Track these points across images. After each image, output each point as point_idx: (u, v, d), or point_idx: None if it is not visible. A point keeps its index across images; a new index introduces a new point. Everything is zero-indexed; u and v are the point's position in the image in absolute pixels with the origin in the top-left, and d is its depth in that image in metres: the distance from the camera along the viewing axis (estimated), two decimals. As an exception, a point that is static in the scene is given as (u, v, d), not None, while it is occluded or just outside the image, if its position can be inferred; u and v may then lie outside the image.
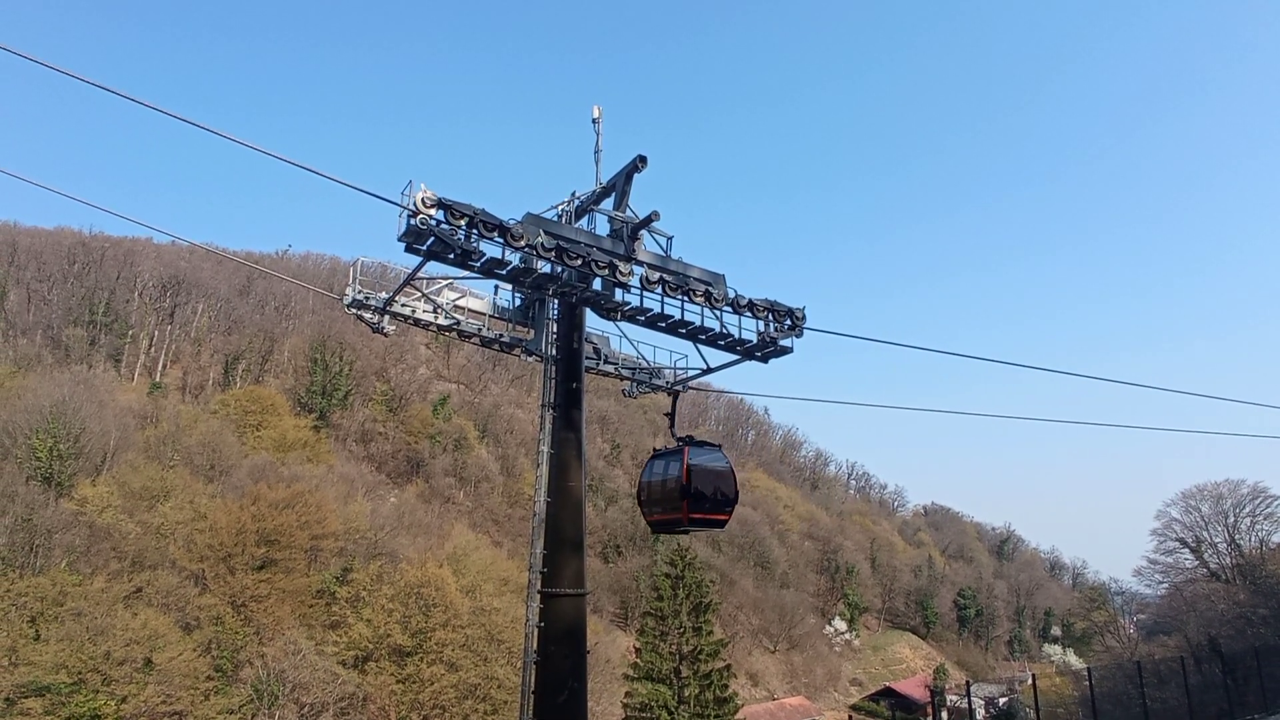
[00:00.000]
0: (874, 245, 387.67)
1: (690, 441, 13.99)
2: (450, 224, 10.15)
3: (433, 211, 9.94)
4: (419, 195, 9.84)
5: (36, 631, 46.90)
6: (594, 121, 14.70)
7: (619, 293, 12.21)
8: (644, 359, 16.83)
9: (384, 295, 14.67)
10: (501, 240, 10.58)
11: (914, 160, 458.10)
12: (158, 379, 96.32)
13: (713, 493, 13.74)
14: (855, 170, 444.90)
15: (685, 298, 12.39)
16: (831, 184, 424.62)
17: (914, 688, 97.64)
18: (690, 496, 13.36)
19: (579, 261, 11.27)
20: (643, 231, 12.52)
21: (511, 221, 10.71)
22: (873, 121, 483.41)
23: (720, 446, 14.57)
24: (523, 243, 10.67)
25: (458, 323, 14.97)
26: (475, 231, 10.37)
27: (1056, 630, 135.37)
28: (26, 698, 43.56)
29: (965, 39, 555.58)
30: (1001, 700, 77.14)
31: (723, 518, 14.03)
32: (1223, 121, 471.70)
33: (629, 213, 12.86)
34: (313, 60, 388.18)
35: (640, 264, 12.22)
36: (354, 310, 14.79)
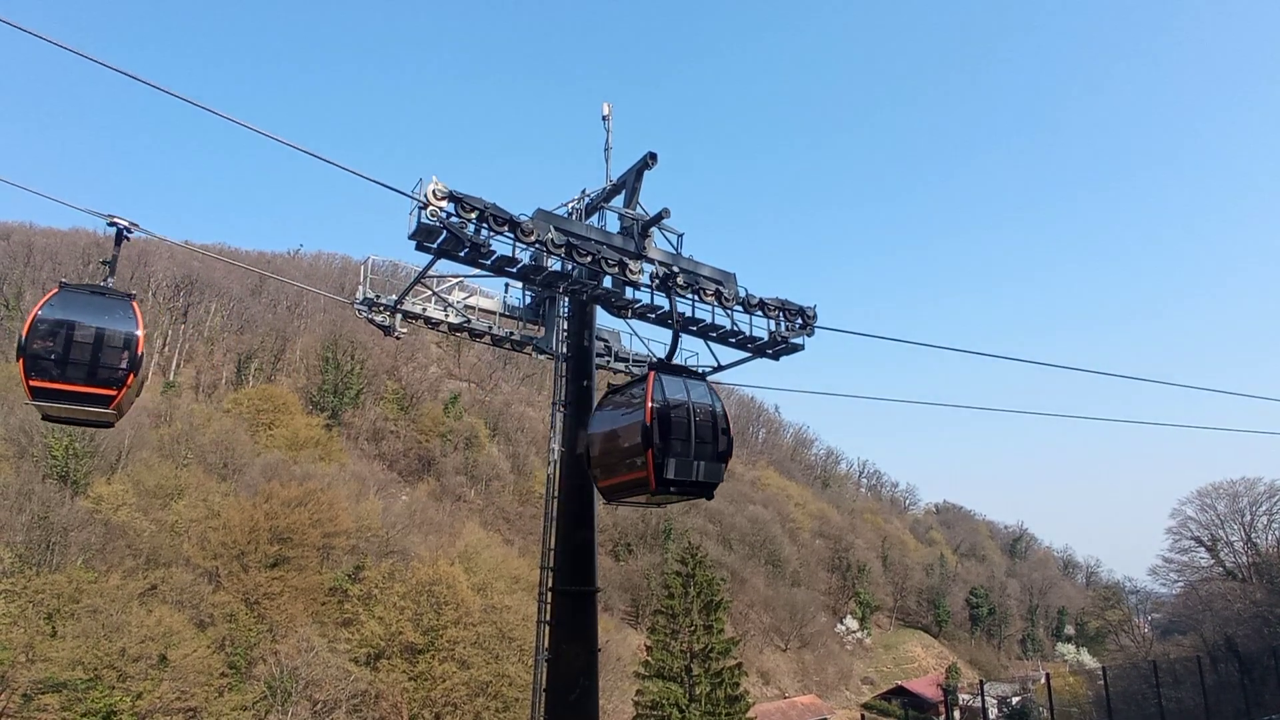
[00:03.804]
0: (883, 241, 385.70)
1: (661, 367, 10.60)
2: (460, 218, 10.12)
3: (443, 204, 9.90)
4: (430, 187, 9.82)
5: (53, 628, 47.43)
6: (604, 118, 14.60)
7: (629, 290, 12.15)
8: (655, 356, 16.76)
9: (394, 296, 14.66)
10: (512, 236, 10.52)
11: (924, 157, 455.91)
12: (171, 378, 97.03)
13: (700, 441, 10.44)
14: (863, 167, 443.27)
15: (696, 296, 12.30)
16: (841, 181, 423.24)
17: (926, 687, 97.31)
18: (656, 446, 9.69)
19: (589, 259, 11.20)
20: (653, 229, 12.46)
21: (522, 217, 10.66)
22: (880, 118, 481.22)
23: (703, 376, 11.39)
24: (533, 238, 10.61)
25: (468, 321, 14.95)
26: (485, 226, 10.34)
27: (1070, 629, 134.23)
28: (44, 694, 44.18)
29: (973, 38, 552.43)
30: (1015, 700, 76.59)
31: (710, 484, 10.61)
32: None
33: (639, 210, 12.80)
34: (322, 58, 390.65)
35: (650, 261, 12.15)
36: (364, 313, 14.77)
